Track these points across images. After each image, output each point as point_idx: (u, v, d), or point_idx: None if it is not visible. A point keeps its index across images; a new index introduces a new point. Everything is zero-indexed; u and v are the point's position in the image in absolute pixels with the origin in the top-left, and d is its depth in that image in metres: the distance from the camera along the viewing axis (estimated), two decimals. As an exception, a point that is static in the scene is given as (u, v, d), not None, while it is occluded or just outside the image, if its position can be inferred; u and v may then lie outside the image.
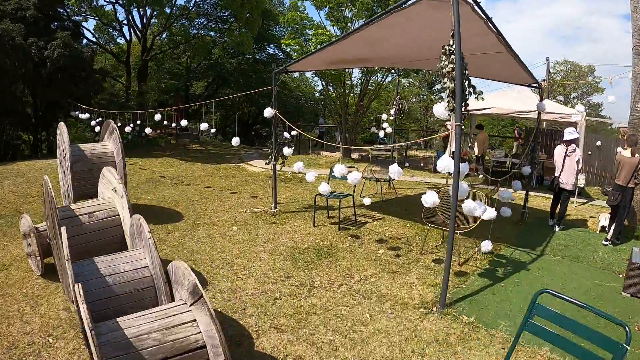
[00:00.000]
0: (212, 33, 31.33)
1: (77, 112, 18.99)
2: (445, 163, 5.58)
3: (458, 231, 6.96)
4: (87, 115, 17.79)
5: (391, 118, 15.24)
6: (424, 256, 7.86)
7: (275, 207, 10.33)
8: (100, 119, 16.71)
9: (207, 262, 7.25)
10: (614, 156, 11.66)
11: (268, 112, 9.54)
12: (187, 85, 32.98)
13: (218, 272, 6.86)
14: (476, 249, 8.09)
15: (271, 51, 33.90)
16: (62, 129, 9.04)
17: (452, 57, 5.06)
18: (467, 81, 5.22)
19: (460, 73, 5.03)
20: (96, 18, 26.36)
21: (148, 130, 14.33)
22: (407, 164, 19.55)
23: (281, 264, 7.23)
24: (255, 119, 40.25)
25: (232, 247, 7.99)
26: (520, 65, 7.92)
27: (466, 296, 6.25)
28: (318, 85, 49.07)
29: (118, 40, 32.82)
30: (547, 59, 30.70)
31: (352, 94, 19.58)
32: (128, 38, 27.29)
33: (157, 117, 14.12)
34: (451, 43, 5.08)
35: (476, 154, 17.92)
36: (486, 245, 7.10)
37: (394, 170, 6.59)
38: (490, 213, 6.39)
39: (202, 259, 7.42)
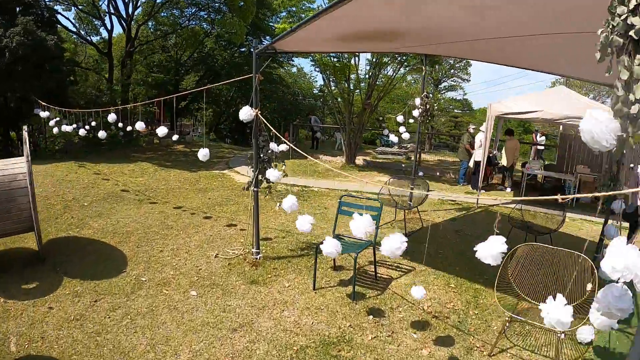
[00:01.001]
0: (205, 25, 28.29)
1: (38, 110, 15.76)
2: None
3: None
4: (47, 114, 14.48)
5: (411, 120, 11.96)
6: (494, 359, 4.63)
7: (257, 253, 7.01)
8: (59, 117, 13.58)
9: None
10: None
11: (245, 113, 6.18)
12: (176, 80, 29.53)
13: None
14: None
15: (267, 43, 30.44)
16: None
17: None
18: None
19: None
20: (72, 5, 22.90)
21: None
22: (420, 173, 16.29)
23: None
24: (251, 116, 37.03)
25: (180, 341, 4.78)
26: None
27: None
28: (317, 81, 45.97)
29: (101, 30, 29.43)
30: None
31: (357, 90, 16.21)
32: (109, 27, 23.86)
33: (111, 117, 10.77)
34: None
35: (504, 164, 14.68)
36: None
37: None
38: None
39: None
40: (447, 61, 28.46)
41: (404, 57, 14.55)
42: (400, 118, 12.61)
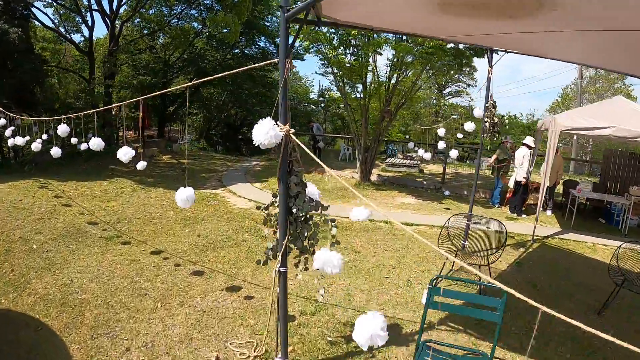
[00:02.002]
0: (195, 24, 25.50)
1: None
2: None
3: None
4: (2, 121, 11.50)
5: (459, 135, 9.24)
6: None
7: (282, 364, 4.15)
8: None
9: None
10: None
11: (263, 133, 3.35)
12: (164, 82, 26.47)
13: None
14: None
15: (262, 44, 27.55)
16: None
17: None
18: None
19: None
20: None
21: (63, 130, 7.78)
22: (447, 192, 13.61)
23: None
24: (243, 122, 34.08)
25: None
26: None
27: None
28: (314, 85, 43.12)
29: (83, 27, 26.36)
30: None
31: (377, 95, 13.40)
32: (90, 23, 20.77)
33: (62, 129, 7.87)
34: None
35: (547, 183, 12.10)
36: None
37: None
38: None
39: None
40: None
41: (431, 53, 11.77)
42: (441, 131, 10.12)
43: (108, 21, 20.22)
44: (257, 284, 6.28)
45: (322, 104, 29.28)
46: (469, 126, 9.22)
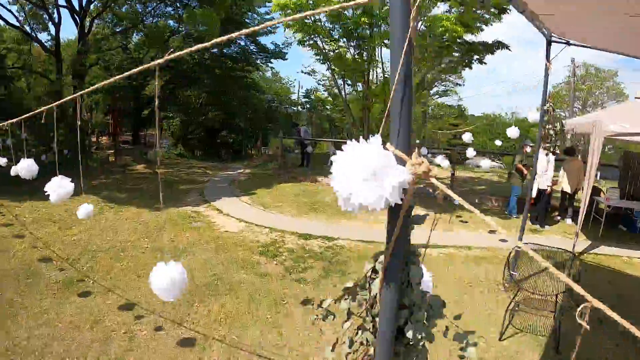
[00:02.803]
0: (172, 22, 23.56)
1: None
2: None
3: None
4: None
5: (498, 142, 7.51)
6: None
7: None
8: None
9: None
10: None
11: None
12: (138, 84, 24.21)
13: None
14: None
15: (242, 43, 25.48)
16: None
17: None
18: None
19: None
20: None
21: None
22: (456, 201, 11.72)
23: None
24: (223, 125, 31.96)
25: None
26: None
27: None
28: (294, 86, 41.11)
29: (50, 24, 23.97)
30: (572, 59, 24.62)
31: (382, 94, 11.58)
32: (57, 20, 18.51)
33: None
34: None
35: (567, 190, 11.07)
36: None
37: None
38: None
39: None
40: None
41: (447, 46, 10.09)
42: (467, 136, 8.42)
43: (77, 18, 18.05)
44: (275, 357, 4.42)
45: (308, 105, 27.20)
46: (513, 132, 7.54)
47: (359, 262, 7.43)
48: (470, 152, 9.42)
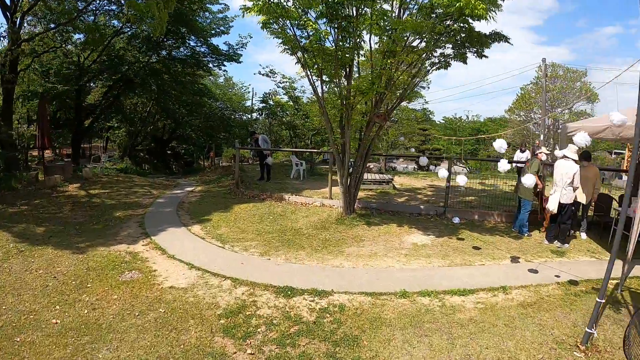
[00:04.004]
0: (116, 22, 20.27)
1: None
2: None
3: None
4: None
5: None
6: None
7: None
8: None
9: None
10: None
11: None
12: (77, 90, 20.59)
13: None
14: None
15: (193, 44, 22.28)
16: None
17: None
18: None
19: None
20: None
21: None
22: (456, 219, 9.40)
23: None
24: (172, 135, 28.69)
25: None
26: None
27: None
28: (248, 92, 37.90)
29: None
30: (544, 60, 23.16)
31: (370, 91, 8.73)
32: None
33: None
34: None
35: (582, 200, 9.33)
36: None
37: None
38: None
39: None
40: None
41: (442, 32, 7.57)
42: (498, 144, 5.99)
43: (8, 14, 14.56)
44: None
45: (267, 112, 24.04)
46: (583, 138, 5.04)
47: (376, 334, 4.80)
48: (503, 166, 7.00)
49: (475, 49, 9.35)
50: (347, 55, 8.13)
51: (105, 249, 7.70)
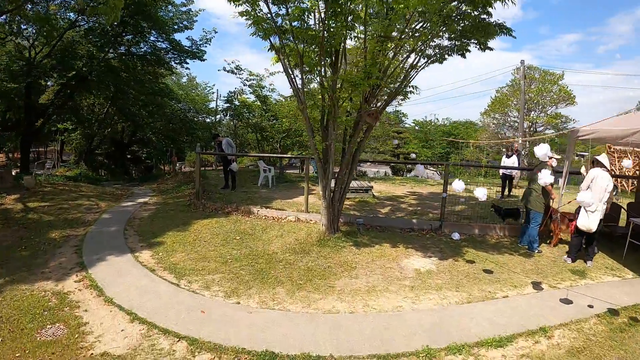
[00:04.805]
0: (72, 14, 17.92)
1: None
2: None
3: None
4: None
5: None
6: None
7: None
8: None
9: None
10: None
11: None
12: (27, 89, 18.03)
13: None
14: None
15: (154, 39, 19.92)
16: None
17: None
18: None
19: None
20: None
21: None
22: (456, 236, 7.73)
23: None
24: (132, 138, 26.25)
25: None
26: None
27: None
28: (212, 93, 35.57)
29: None
30: (522, 61, 22.12)
31: (347, 86, 6.91)
32: None
33: None
34: None
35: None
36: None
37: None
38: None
39: None
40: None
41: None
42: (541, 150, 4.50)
43: None
44: None
45: (231, 112, 21.77)
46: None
47: None
48: (545, 178, 5.45)
49: (476, 40, 7.73)
50: (335, 37, 6.28)
51: (27, 288, 5.72)
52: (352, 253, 7.49)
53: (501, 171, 14.12)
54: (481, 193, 6.85)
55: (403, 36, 6.77)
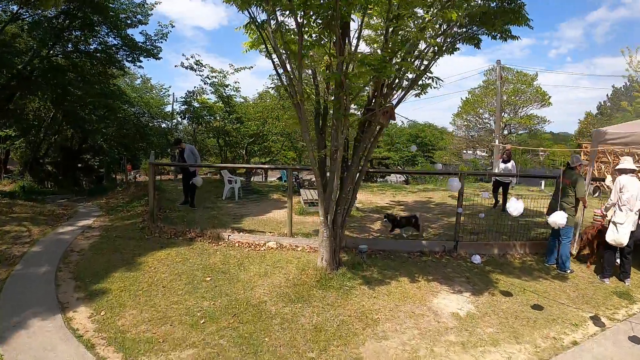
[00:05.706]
0: (15, 7, 15.20)
1: None
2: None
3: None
4: None
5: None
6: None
7: None
8: None
9: None
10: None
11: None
12: None
13: None
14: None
15: (103, 33, 17.28)
16: None
17: None
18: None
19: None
20: None
21: None
22: (477, 258, 6.01)
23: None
24: (83, 146, 23.45)
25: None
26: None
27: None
28: (169, 95, 32.72)
29: None
30: (498, 61, 21.64)
31: (362, 71, 4.97)
32: None
33: None
34: None
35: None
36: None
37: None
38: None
39: None
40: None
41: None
42: None
43: None
44: None
45: (190, 115, 19.16)
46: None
47: None
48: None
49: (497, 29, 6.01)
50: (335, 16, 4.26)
51: None
52: (366, 296, 5.52)
53: (494, 177, 12.60)
54: (517, 207, 5.17)
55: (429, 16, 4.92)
